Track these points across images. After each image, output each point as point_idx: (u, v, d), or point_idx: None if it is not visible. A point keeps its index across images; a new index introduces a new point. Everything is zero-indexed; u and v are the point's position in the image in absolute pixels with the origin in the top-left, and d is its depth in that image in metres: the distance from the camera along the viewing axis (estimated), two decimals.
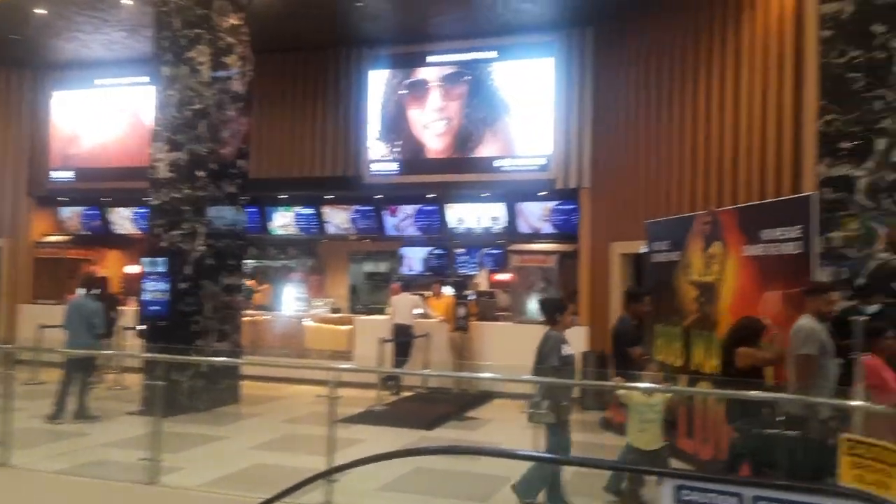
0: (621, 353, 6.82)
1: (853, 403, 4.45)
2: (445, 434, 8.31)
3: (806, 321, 5.20)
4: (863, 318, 5.21)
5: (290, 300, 13.34)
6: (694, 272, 7.55)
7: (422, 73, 11.85)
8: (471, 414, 9.40)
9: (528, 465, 5.50)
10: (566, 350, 5.75)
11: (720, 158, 8.31)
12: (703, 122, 8.63)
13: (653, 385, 5.75)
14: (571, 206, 11.59)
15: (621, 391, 5.67)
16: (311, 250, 15.46)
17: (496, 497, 5.78)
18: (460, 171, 11.49)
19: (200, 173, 9.26)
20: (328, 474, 5.35)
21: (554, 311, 5.90)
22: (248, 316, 11.82)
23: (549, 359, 5.65)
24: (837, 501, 2.60)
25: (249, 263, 15.05)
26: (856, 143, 6.61)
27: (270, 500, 4.35)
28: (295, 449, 7.37)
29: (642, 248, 8.77)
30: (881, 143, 6.53)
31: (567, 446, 5.64)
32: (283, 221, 13.92)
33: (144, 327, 9.24)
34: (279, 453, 7.20)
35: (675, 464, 6.88)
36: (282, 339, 12.29)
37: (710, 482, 2.82)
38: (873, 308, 6.10)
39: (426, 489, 6.06)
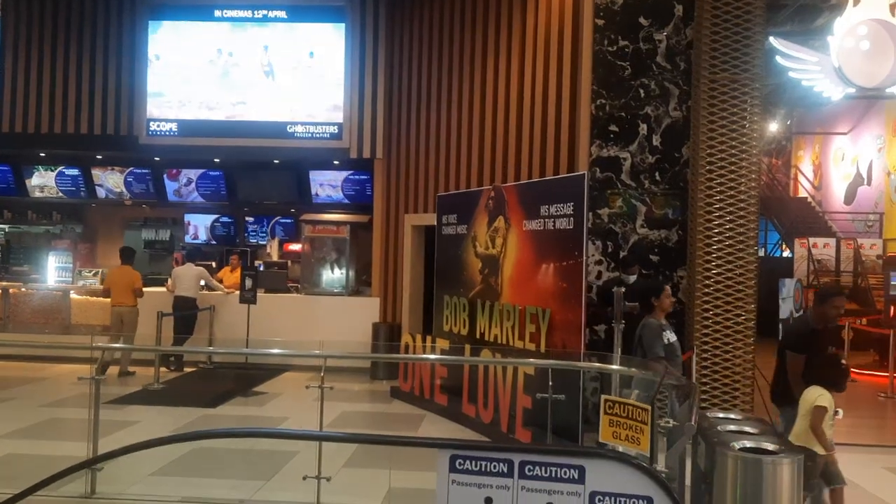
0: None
1: (613, 367, 4.88)
2: (231, 411, 7.96)
3: None
4: (623, 288, 5.68)
5: (54, 270, 12.00)
6: (479, 245, 7.85)
7: (208, 28, 11.06)
8: (259, 389, 9.10)
9: None
10: (669, 337, 5.24)
11: (506, 136, 8.66)
12: (490, 99, 8.93)
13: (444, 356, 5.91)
14: (365, 177, 11.55)
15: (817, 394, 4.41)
16: (80, 215, 14.03)
17: (280, 474, 5.62)
18: (251, 134, 10.93)
19: None
20: (91, 464, 4.89)
21: (649, 296, 5.37)
22: None
23: (653, 349, 5.08)
24: (594, 460, 2.79)
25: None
26: (622, 126, 7.21)
27: (20, 495, 3.85)
28: (57, 436, 6.65)
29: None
30: (643, 128, 7.18)
31: None
32: (42, 182, 12.43)
33: None
34: (37, 441, 6.46)
35: (458, 427, 7.19)
36: (43, 314, 11.04)
37: (483, 450, 2.91)
38: (633, 278, 6.73)
39: (205, 471, 5.74)
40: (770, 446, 3.45)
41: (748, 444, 3.48)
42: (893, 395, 8.74)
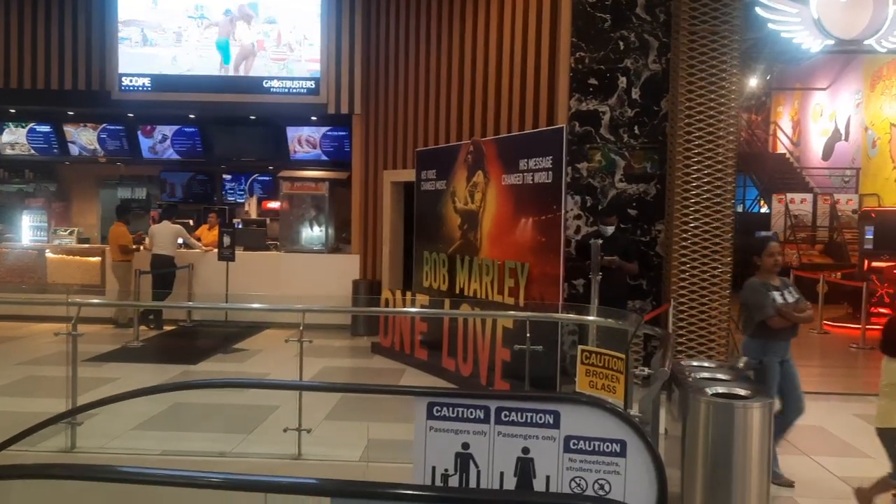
0: None
1: (590, 318, 4.93)
2: (211, 367, 7.98)
3: None
4: (600, 241, 5.70)
5: (29, 229, 11.85)
6: (458, 200, 7.83)
7: None
8: (239, 345, 9.11)
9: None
10: (780, 297, 4.68)
11: (485, 89, 8.56)
12: (469, 52, 8.80)
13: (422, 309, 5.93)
14: (343, 133, 11.41)
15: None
16: (54, 173, 13.79)
17: (261, 428, 5.67)
18: (226, 90, 10.70)
19: None
20: (70, 415, 4.89)
21: (753, 255, 4.89)
22: None
23: (762, 309, 4.63)
24: (568, 405, 2.83)
25: None
26: (602, 80, 7.15)
27: None
28: (35, 393, 6.63)
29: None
30: (623, 81, 7.13)
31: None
32: (14, 139, 12.16)
33: None
34: (15, 399, 6.45)
35: (438, 381, 7.26)
36: (19, 274, 10.91)
37: (459, 397, 2.94)
38: (611, 229, 6.75)
39: (186, 425, 5.77)
40: (742, 392, 3.53)
41: (720, 389, 3.55)
42: (864, 346, 8.93)
